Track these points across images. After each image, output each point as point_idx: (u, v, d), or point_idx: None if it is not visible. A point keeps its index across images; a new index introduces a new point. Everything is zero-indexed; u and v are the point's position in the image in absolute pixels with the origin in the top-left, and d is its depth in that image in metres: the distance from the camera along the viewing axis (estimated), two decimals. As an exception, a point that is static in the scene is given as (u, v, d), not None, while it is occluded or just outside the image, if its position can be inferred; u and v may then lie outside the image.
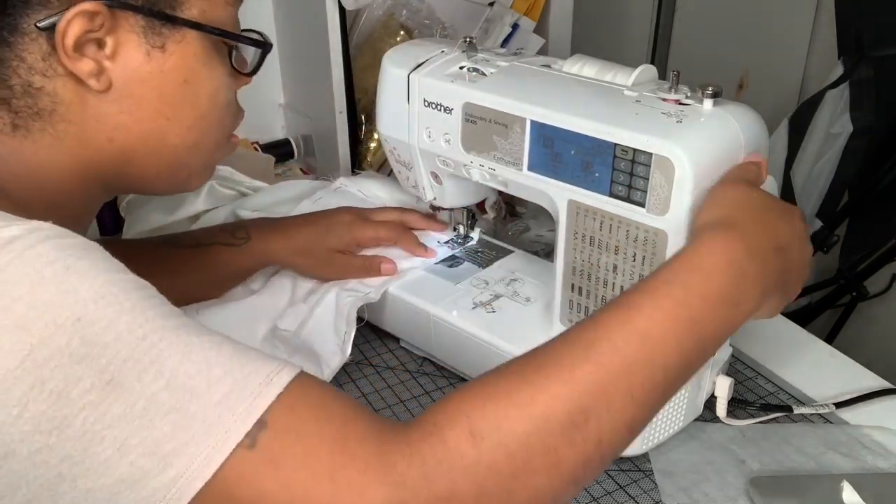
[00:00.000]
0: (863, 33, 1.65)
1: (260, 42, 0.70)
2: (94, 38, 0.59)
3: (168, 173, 0.68)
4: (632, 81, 0.75)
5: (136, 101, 0.62)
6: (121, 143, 0.63)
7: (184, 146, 0.66)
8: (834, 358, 0.95)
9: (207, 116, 0.66)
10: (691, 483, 0.77)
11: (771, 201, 0.66)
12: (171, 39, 0.62)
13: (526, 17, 1.30)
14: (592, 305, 0.77)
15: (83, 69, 0.59)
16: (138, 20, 0.60)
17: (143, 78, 0.62)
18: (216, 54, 0.66)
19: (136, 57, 0.61)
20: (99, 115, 0.62)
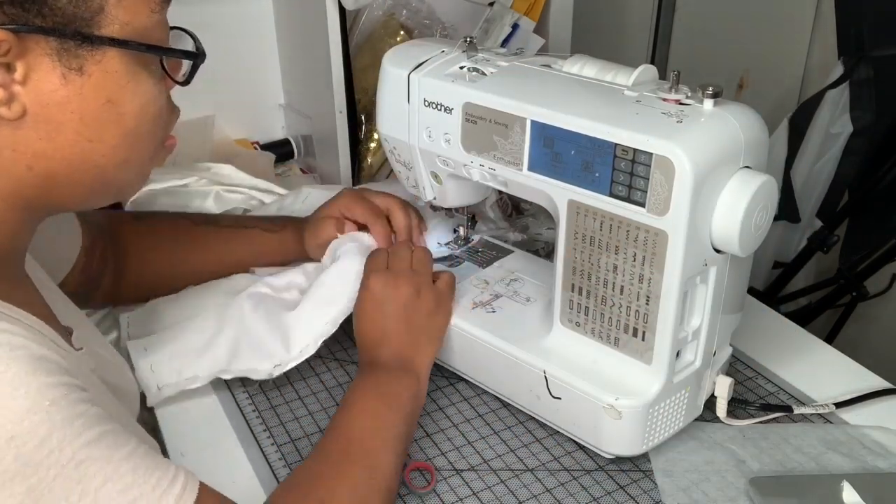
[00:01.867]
0: (863, 33, 1.64)
1: (190, 53, 0.64)
2: (1, 62, 0.55)
3: (98, 191, 0.64)
4: (632, 81, 0.75)
5: (54, 126, 0.58)
6: (42, 169, 0.59)
7: (111, 165, 0.61)
8: (834, 358, 0.95)
9: (135, 132, 0.61)
10: (691, 483, 0.77)
11: (379, 289, 0.83)
12: (90, 60, 0.57)
13: (526, 17, 1.30)
14: (592, 305, 0.77)
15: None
16: (50, 42, 0.55)
17: (59, 102, 0.57)
18: (141, 67, 0.60)
19: (50, 81, 0.56)
20: (15, 144, 0.57)
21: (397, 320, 0.82)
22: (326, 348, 0.96)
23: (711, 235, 0.71)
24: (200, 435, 0.84)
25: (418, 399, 0.80)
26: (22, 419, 0.49)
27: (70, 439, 0.51)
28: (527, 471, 0.79)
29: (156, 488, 0.54)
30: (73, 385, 0.53)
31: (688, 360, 0.78)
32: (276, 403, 0.88)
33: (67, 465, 0.50)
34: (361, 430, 0.73)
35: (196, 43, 0.66)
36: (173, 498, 0.55)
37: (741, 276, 0.79)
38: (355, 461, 0.70)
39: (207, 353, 0.88)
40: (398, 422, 0.75)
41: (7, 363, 0.50)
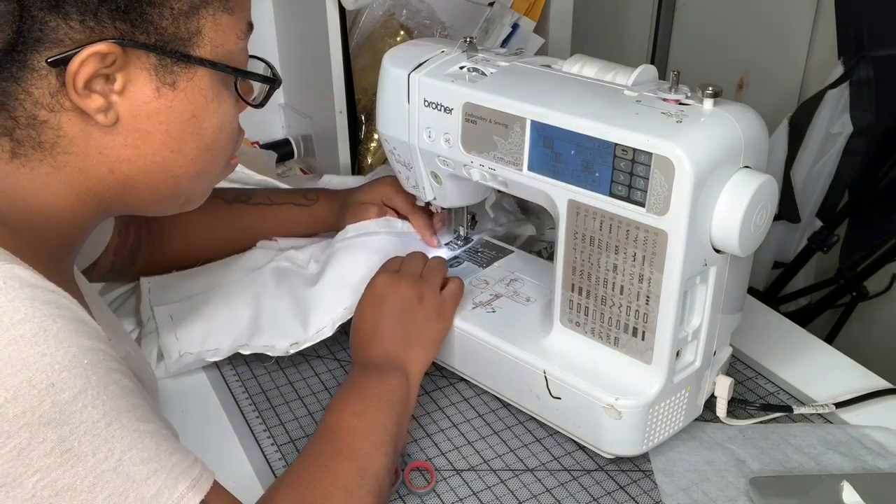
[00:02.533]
0: (863, 33, 1.65)
1: (268, 78, 0.70)
2: (104, 73, 0.59)
3: (168, 200, 0.68)
4: (632, 81, 0.75)
5: (141, 135, 0.62)
6: (122, 174, 0.63)
7: (186, 176, 0.66)
8: (834, 358, 0.95)
9: (212, 148, 0.66)
10: (691, 483, 0.77)
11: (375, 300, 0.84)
12: (182, 77, 0.62)
13: (526, 17, 1.30)
14: (592, 305, 0.77)
15: (91, 106, 0.59)
16: (150, 58, 0.60)
17: (150, 114, 0.62)
18: (224, 87, 0.66)
19: (145, 93, 0.61)
20: (102, 148, 0.62)
21: (393, 320, 0.83)
22: (326, 348, 0.96)
23: (711, 235, 0.71)
24: (200, 434, 0.84)
25: (408, 400, 0.80)
26: (62, 370, 0.51)
27: (104, 399, 0.53)
28: (527, 471, 0.79)
29: (175, 467, 0.56)
30: (109, 353, 0.56)
31: (688, 360, 0.78)
32: (276, 403, 0.88)
33: (98, 423, 0.52)
34: (352, 430, 0.73)
35: (272, 70, 0.71)
36: (190, 480, 0.56)
37: (741, 276, 0.79)
38: (347, 462, 0.70)
39: (230, 327, 0.91)
40: (388, 422, 0.75)
41: (54, 319, 0.52)
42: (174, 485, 0.55)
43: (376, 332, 0.83)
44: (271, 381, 0.91)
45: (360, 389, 0.78)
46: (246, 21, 0.66)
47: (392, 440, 0.74)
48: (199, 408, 0.88)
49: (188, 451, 0.59)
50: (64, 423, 0.51)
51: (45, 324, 0.52)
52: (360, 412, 0.75)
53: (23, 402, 0.49)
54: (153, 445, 0.55)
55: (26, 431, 0.50)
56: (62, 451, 0.51)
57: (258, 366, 0.93)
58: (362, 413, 0.75)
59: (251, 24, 0.68)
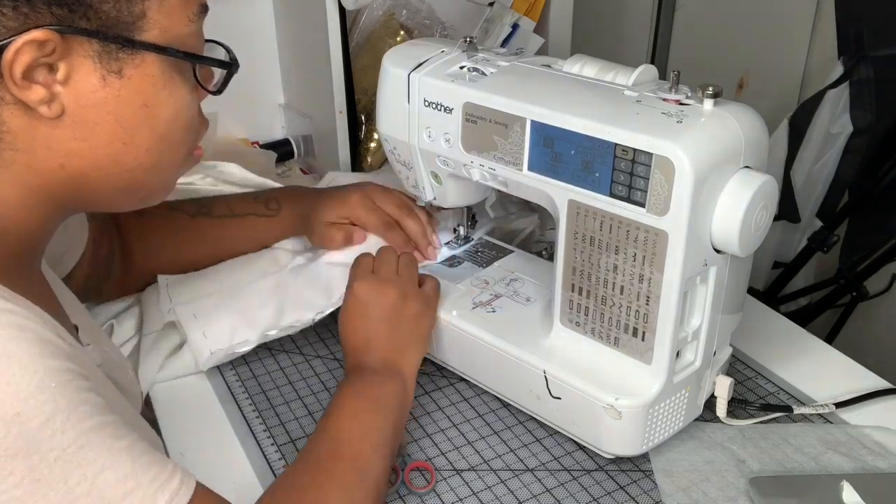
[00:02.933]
0: (863, 33, 1.64)
1: (225, 62, 0.66)
2: (45, 63, 0.56)
3: (125, 194, 0.65)
4: (632, 81, 0.75)
5: (90, 127, 0.59)
6: (74, 168, 0.60)
7: (141, 169, 0.63)
8: (834, 358, 0.95)
9: (167, 138, 0.63)
10: (691, 483, 0.77)
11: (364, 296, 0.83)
12: (129, 63, 0.59)
13: (526, 17, 1.30)
14: (592, 305, 0.77)
15: (33, 97, 0.56)
16: (93, 45, 0.57)
17: (97, 104, 0.58)
18: (177, 73, 0.62)
19: (90, 82, 0.57)
20: (50, 143, 0.58)
21: (383, 325, 0.82)
22: (326, 348, 0.96)
23: (711, 235, 0.71)
24: (200, 435, 0.84)
25: (405, 402, 0.80)
26: (28, 398, 0.50)
27: (73, 423, 0.51)
28: (527, 471, 0.79)
29: (153, 481, 0.54)
30: (77, 372, 0.54)
31: (688, 360, 0.78)
32: (276, 403, 0.88)
33: (69, 448, 0.51)
34: (349, 433, 0.73)
35: (230, 53, 0.67)
36: (169, 493, 0.55)
37: (741, 276, 0.79)
38: (345, 465, 0.70)
39: (256, 318, 0.91)
40: (386, 425, 0.75)
41: (17, 343, 0.51)
42: (153, 500, 0.54)
43: (368, 339, 0.82)
44: (271, 381, 0.91)
45: (357, 393, 0.77)
46: (198, 2, 0.63)
47: (390, 442, 0.74)
48: (199, 408, 0.88)
49: (167, 461, 0.57)
50: (33, 452, 0.49)
51: (8, 349, 0.50)
52: (358, 415, 0.75)
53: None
54: (128, 462, 0.53)
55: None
56: (32, 481, 0.49)
57: (258, 366, 0.93)
58: (360, 416, 0.75)
59: (205, 6, 0.64)
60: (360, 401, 0.76)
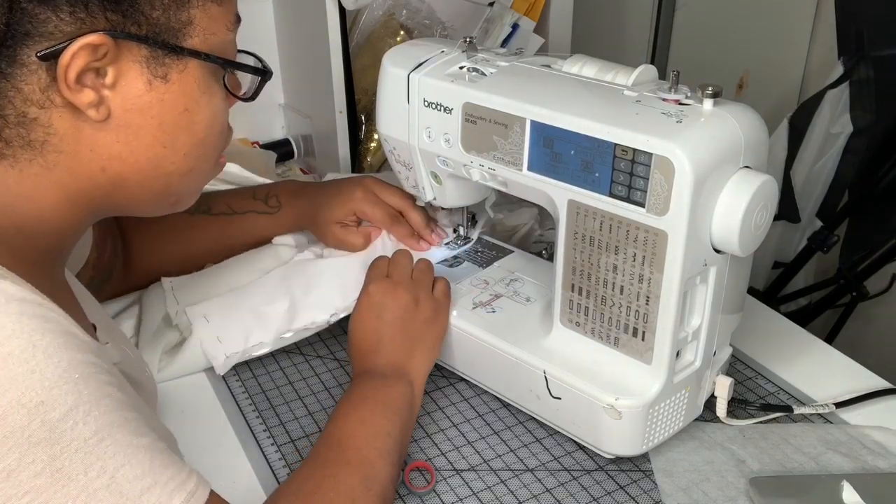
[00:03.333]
0: (863, 33, 1.64)
1: (259, 70, 0.68)
2: (95, 66, 0.57)
3: (159, 199, 0.66)
4: (632, 81, 0.75)
5: (133, 130, 0.60)
6: (114, 172, 0.61)
7: (178, 173, 0.64)
8: (834, 358, 0.95)
9: (204, 143, 0.65)
10: (691, 483, 0.77)
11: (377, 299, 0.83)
12: (174, 69, 0.61)
13: (526, 17, 1.30)
14: (592, 305, 0.77)
15: (83, 100, 0.57)
16: (141, 50, 0.59)
17: (142, 108, 0.60)
18: (214, 80, 0.64)
19: (136, 86, 0.59)
20: (94, 146, 0.60)
21: (394, 328, 0.82)
22: (326, 348, 0.96)
23: (711, 235, 0.71)
24: (200, 435, 0.84)
25: (413, 407, 0.79)
26: (52, 387, 0.50)
27: (95, 415, 0.52)
28: (527, 471, 0.79)
29: (170, 482, 0.54)
30: (101, 366, 0.55)
31: (688, 360, 0.78)
32: (276, 403, 0.88)
33: (90, 440, 0.51)
34: (356, 438, 0.73)
35: (262, 62, 0.69)
36: (185, 494, 0.55)
37: (741, 276, 0.79)
38: (352, 470, 0.70)
39: (270, 320, 0.91)
40: (393, 430, 0.75)
41: (42, 333, 0.51)
42: (168, 500, 0.54)
43: (379, 341, 0.82)
44: (271, 381, 0.91)
45: (365, 397, 0.77)
46: (234, 12, 0.65)
47: (397, 448, 0.74)
48: (199, 408, 0.88)
49: (184, 464, 0.57)
50: (54, 441, 0.50)
51: (34, 339, 0.51)
52: (365, 420, 0.75)
53: (11, 423, 0.48)
54: (147, 460, 0.54)
55: (15, 452, 0.48)
56: (53, 471, 0.50)
57: (258, 366, 0.93)
58: (368, 421, 0.75)
59: (239, 16, 0.66)
60: (367, 405, 0.76)
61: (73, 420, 0.51)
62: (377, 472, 0.71)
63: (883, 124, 1.65)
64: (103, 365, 0.55)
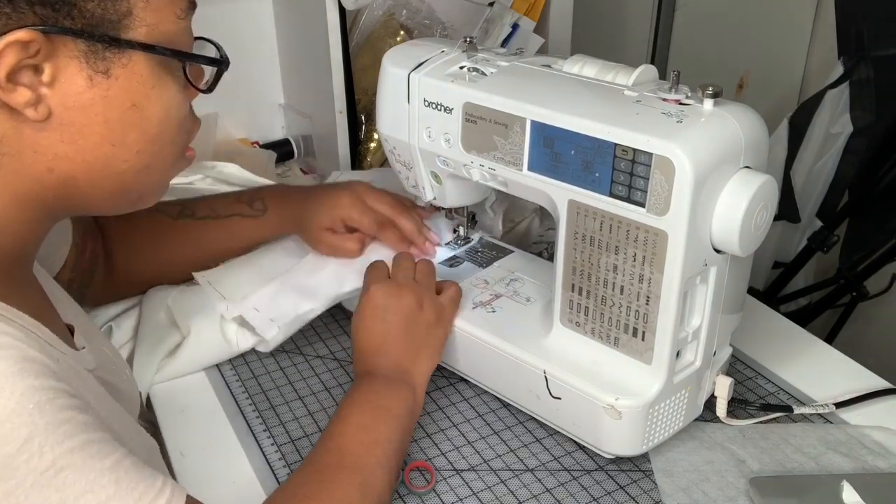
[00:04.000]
0: (863, 33, 1.64)
1: (215, 60, 0.64)
2: (30, 64, 0.54)
3: (116, 197, 0.63)
4: (632, 81, 0.75)
5: (77, 129, 0.57)
6: (62, 172, 0.58)
7: (132, 171, 0.61)
8: (834, 358, 0.95)
9: (158, 139, 0.61)
10: (691, 483, 0.77)
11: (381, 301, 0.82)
12: (116, 63, 0.57)
13: (526, 17, 1.30)
14: (592, 305, 0.77)
15: (19, 100, 0.54)
16: (78, 45, 0.55)
17: (84, 105, 0.57)
18: (166, 72, 0.60)
19: (76, 83, 0.56)
20: (37, 146, 0.57)
21: (397, 330, 0.81)
22: (326, 348, 0.96)
23: (711, 235, 0.71)
24: (200, 435, 0.84)
25: (414, 411, 0.79)
26: (5, 421, 0.48)
27: (52, 445, 0.50)
28: (527, 471, 0.79)
29: (140, 500, 0.52)
30: (61, 390, 0.52)
31: (688, 360, 0.78)
32: (276, 403, 0.88)
33: (46, 472, 0.49)
34: (356, 444, 0.72)
35: (220, 51, 0.65)
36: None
37: (741, 276, 0.79)
38: (348, 478, 0.69)
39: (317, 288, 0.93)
40: (393, 436, 0.74)
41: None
42: None
43: (383, 344, 0.81)
44: (271, 381, 0.91)
45: (367, 402, 0.77)
46: None
47: (396, 455, 0.74)
48: (198, 408, 0.88)
49: (156, 476, 0.55)
50: (8, 477, 0.48)
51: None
52: (366, 426, 0.74)
53: None
54: (112, 483, 0.51)
55: None
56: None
57: (258, 366, 0.93)
58: (368, 427, 0.74)
59: (193, 3, 0.62)
60: (367, 410, 0.76)
61: (28, 453, 0.49)
62: (375, 480, 0.70)
63: (883, 124, 1.65)
64: (64, 388, 0.53)
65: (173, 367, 0.90)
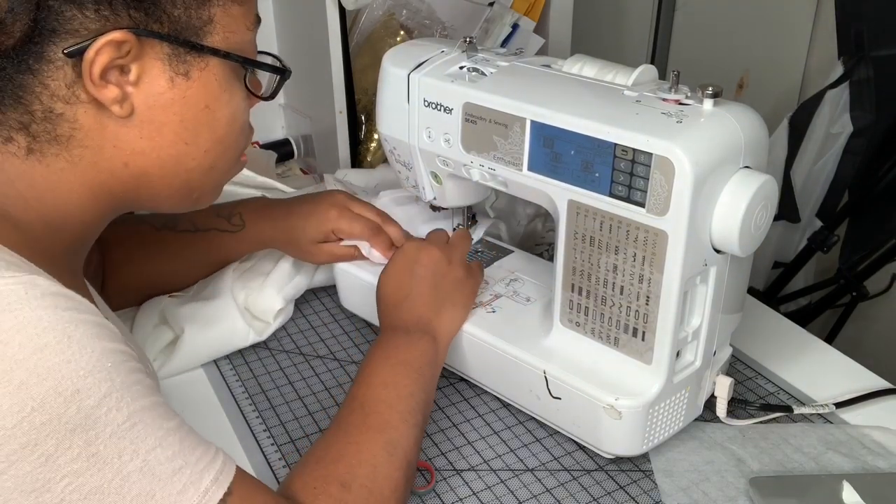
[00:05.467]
0: (863, 33, 1.65)
1: (278, 69, 0.71)
2: (119, 63, 0.59)
3: (180, 195, 0.68)
4: (632, 81, 0.75)
5: (156, 126, 0.62)
6: (137, 167, 0.63)
7: (200, 169, 0.66)
8: (834, 358, 0.95)
9: (225, 140, 0.67)
10: (691, 483, 0.77)
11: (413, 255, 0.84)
12: (195, 66, 0.63)
13: (526, 17, 1.30)
14: (592, 305, 0.77)
15: (107, 96, 0.59)
16: (164, 48, 0.61)
17: (165, 104, 0.62)
18: (235, 78, 0.66)
19: (159, 84, 0.61)
20: (117, 141, 0.62)
21: (424, 283, 0.83)
22: (326, 348, 0.96)
23: (711, 235, 0.71)
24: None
25: (436, 364, 0.80)
26: (87, 375, 0.52)
27: (127, 401, 0.54)
28: (527, 471, 0.79)
29: (199, 461, 0.57)
30: (130, 354, 0.57)
31: (688, 360, 0.78)
32: (276, 403, 0.88)
33: (123, 425, 0.53)
34: (379, 402, 0.73)
35: (281, 62, 0.71)
36: (214, 472, 0.57)
37: (741, 276, 0.79)
38: (374, 436, 0.70)
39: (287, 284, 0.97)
40: (416, 390, 0.75)
41: (76, 325, 0.53)
42: (199, 480, 0.56)
43: (408, 296, 0.83)
44: (271, 381, 0.91)
45: (388, 357, 0.78)
46: (254, 12, 0.67)
47: (421, 408, 0.75)
48: (198, 407, 0.88)
49: (210, 444, 0.59)
50: (90, 427, 0.52)
51: (68, 330, 0.52)
52: (388, 382, 0.75)
53: (49, 410, 0.50)
54: (177, 442, 0.56)
55: (53, 438, 0.50)
56: (89, 456, 0.52)
57: (258, 366, 0.93)
58: (391, 383, 0.75)
59: (259, 17, 0.68)
60: (389, 366, 0.77)
61: (107, 407, 0.52)
62: (400, 436, 0.71)
63: (883, 124, 1.65)
64: (133, 353, 0.57)
65: (173, 364, 0.91)
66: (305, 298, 1.03)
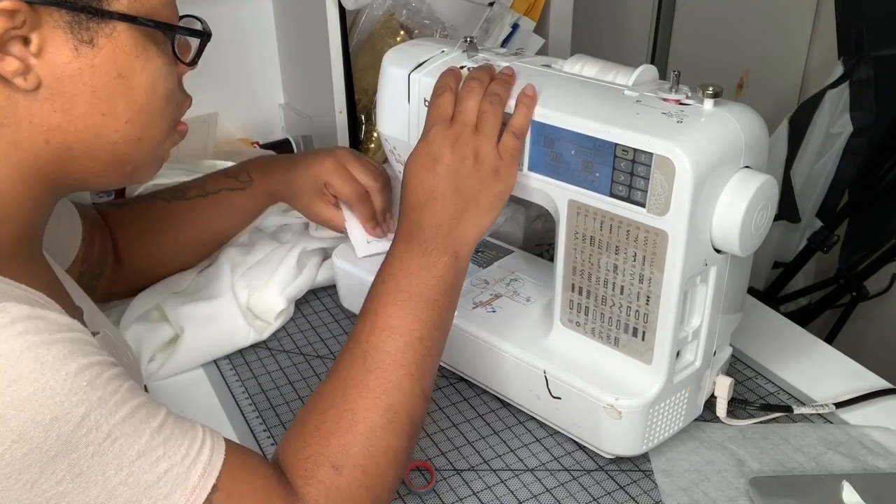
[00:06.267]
0: (863, 33, 1.65)
1: (197, 31, 0.66)
2: (18, 35, 0.56)
3: (112, 169, 0.65)
4: (632, 81, 0.75)
5: (68, 98, 0.60)
6: (58, 143, 0.61)
7: (124, 141, 0.63)
8: (834, 358, 0.95)
9: (146, 110, 0.63)
10: (691, 483, 0.77)
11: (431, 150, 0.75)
12: (100, 33, 0.59)
13: (526, 17, 1.30)
14: (592, 305, 0.77)
15: (8, 69, 0.57)
16: (63, 15, 0.58)
17: (72, 74, 0.59)
18: (152, 45, 0.62)
19: (63, 53, 0.58)
20: (31, 117, 0.59)
21: (446, 183, 0.74)
22: (326, 348, 0.96)
23: (711, 235, 0.71)
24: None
25: (456, 284, 0.74)
26: (63, 401, 0.52)
27: (106, 417, 0.53)
28: (527, 471, 0.79)
29: (185, 458, 0.56)
30: (106, 362, 0.56)
31: (688, 360, 0.78)
32: (276, 403, 0.88)
33: (104, 442, 0.53)
34: (382, 353, 0.68)
35: (203, 24, 0.68)
36: (202, 466, 0.57)
37: (741, 276, 0.79)
38: (374, 403, 0.66)
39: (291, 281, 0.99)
40: (427, 332, 0.70)
41: (48, 347, 0.52)
42: (185, 480, 0.56)
43: (430, 198, 0.74)
44: (271, 381, 0.91)
45: (397, 290, 0.71)
46: None
47: (431, 353, 0.70)
48: (198, 407, 0.88)
49: (196, 428, 0.59)
50: (71, 450, 0.52)
51: (41, 356, 0.52)
52: (394, 325, 0.69)
53: (29, 441, 0.50)
54: (161, 444, 0.56)
55: (36, 466, 0.51)
56: (73, 477, 0.52)
57: (258, 366, 0.93)
58: (398, 326, 0.69)
59: None
60: (399, 300, 0.70)
61: (87, 428, 0.53)
62: (402, 396, 0.67)
63: (883, 124, 1.66)
64: (107, 359, 0.56)
65: (172, 364, 0.91)
66: (305, 298, 1.03)
